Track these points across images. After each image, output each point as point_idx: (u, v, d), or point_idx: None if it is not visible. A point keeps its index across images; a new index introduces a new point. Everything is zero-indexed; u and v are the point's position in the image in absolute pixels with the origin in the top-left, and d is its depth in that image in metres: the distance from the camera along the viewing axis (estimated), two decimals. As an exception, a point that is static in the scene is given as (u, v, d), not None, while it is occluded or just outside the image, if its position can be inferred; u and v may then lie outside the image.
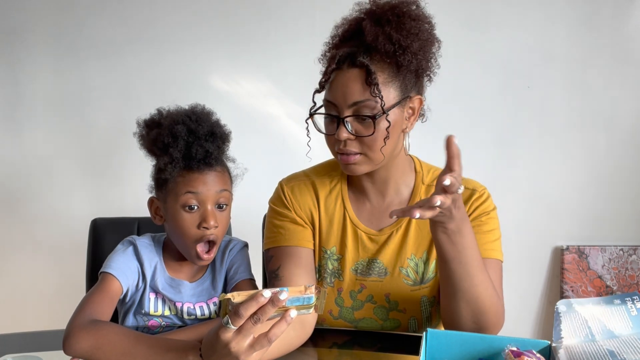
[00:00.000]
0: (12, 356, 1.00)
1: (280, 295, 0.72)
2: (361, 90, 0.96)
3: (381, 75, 0.97)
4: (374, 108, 0.96)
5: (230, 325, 0.74)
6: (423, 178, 1.12)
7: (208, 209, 1.08)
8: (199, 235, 1.09)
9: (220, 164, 1.13)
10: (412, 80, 1.01)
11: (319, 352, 1.08)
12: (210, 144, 1.09)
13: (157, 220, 1.15)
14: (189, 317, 1.15)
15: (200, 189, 1.08)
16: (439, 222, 0.89)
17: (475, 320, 0.97)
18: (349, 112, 0.98)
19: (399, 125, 1.01)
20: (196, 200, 1.08)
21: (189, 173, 1.08)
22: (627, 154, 2.08)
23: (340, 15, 1.04)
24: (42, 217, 2.19)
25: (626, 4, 2.02)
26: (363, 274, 1.12)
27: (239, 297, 0.73)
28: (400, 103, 0.99)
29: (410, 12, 0.98)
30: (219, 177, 1.11)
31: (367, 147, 1.00)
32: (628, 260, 2.08)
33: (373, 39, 0.96)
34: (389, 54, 0.96)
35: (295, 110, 2.09)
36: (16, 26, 2.11)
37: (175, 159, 1.07)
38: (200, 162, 1.08)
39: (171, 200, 1.10)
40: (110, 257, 1.12)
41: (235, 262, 1.19)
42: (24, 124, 2.16)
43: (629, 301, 0.81)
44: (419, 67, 0.99)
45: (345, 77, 0.98)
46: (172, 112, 1.13)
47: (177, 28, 2.10)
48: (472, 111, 2.08)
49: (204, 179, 1.08)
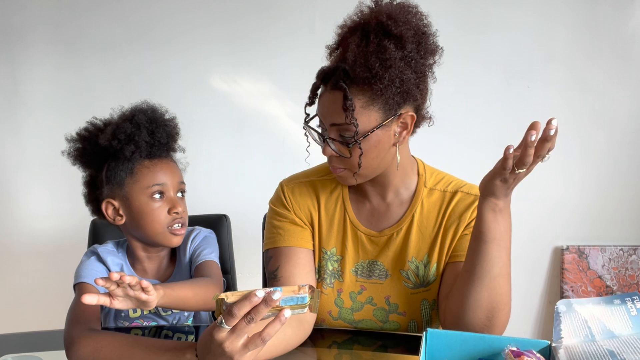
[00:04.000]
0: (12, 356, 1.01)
1: (273, 295, 0.72)
2: (340, 113, 0.96)
3: (361, 98, 0.95)
4: (351, 132, 0.96)
5: (224, 325, 0.74)
6: (425, 181, 1.12)
7: (173, 197, 1.16)
8: (170, 220, 1.14)
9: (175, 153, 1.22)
10: (399, 100, 0.97)
11: (318, 351, 1.08)
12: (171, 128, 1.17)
13: (117, 220, 1.17)
14: (166, 313, 1.19)
15: (166, 179, 1.15)
16: (492, 197, 0.90)
17: (489, 317, 0.96)
18: (331, 131, 0.99)
19: (384, 143, 1.00)
20: (163, 189, 1.15)
21: (151, 163, 1.14)
22: (627, 154, 2.08)
23: (340, 16, 1.04)
24: (42, 217, 2.19)
25: (626, 4, 2.02)
26: (364, 275, 1.12)
27: (232, 297, 0.74)
28: (383, 125, 0.98)
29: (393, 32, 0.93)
30: (176, 168, 1.19)
31: (348, 165, 1.01)
32: (628, 260, 2.08)
33: (352, 62, 0.94)
34: (366, 80, 0.94)
35: (296, 111, 2.09)
36: (16, 26, 2.11)
37: (141, 144, 1.12)
38: (162, 146, 1.15)
39: (136, 193, 1.13)
40: (77, 270, 1.15)
41: (198, 247, 1.23)
42: (24, 124, 2.16)
43: (629, 301, 0.81)
44: (404, 89, 0.96)
45: (328, 97, 0.98)
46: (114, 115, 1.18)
47: (177, 28, 2.10)
48: (472, 111, 2.07)
49: (166, 169, 1.16)
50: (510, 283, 0.97)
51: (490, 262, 0.93)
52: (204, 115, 2.12)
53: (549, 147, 0.84)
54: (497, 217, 0.92)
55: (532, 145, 0.82)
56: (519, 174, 0.86)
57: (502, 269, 0.94)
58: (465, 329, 0.96)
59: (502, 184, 0.88)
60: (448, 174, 1.15)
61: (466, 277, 0.97)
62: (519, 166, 0.84)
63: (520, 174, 0.86)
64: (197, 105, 2.12)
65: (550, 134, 0.82)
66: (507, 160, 0.85)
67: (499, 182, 0.88)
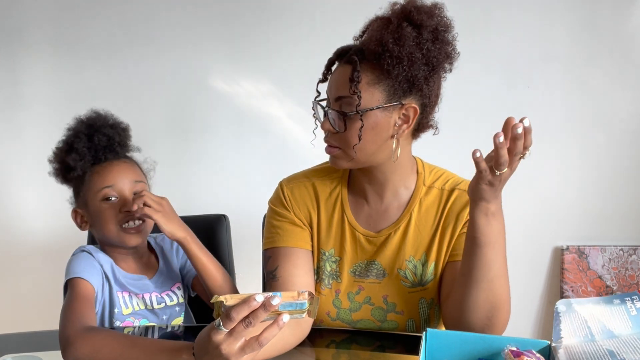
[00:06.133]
0: (12, 356, 1.01)
1: (272, 300, 0.72)
2: (346, 85, 0.98)
3: (369, 75, 0.97)
4: (352, 105, 0.97)
5: (222, 328, 0.74)
6: (424, 179, 1.12)
7: (127, 196, 1.14)
8: (122, 218, 1.14)
9: (126, 153, 1.21)
10: (405, 88, 0.98)
11: (317, 351, 1.08)
12: (111, 130, 1.17)
13: (83, 227, 1.21)
14: (159, 305, 1.20)
15: (116, 181, 1.14)
16: (483, 202, 0.90)
17: (489, 316, 0.95)
18: (334, 106, 1.00)
19: (382, 129, 1.00)
20: (114, 191, 1.14)
21: (100, 167, 1.15)
22: (627, 154, 2.07)
23: (341, 16, 1.05)
24: (42, 217, 2.19)
25: (626, 4, 2.02)
26: (361, 275, 1.12)
27: (231, 300, 0.74)
28: (385, 107, 0.98)
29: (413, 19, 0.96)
30: (130, 167, 1.18)
31: (344, 143, 1.01)
32: (628, 260, 2.08)
33: (367, 38, 0.98)
34: (375, 55, 0.96)
35: (296, 111, 2.09)
36: (16, 26, 2.11)
37: (81, 153, 1.13)
38: (106, 150, 1.16)
39: (90, 200, 1.15)
40: (69, 266, 1.15)
41: None
42: (24, 124, 2.16)
43: (629, 301, 0.81)
44: (411, 76, 0.96)
45: (338, 71, 1.01)
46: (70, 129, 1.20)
47: (178, 28, 2.10)
48: (472, 111, 2.07)
49: (116, 170, 1.15)
50: (508, 283, 0.97)
51: (487, 266, 0.93)
52: (204, 115, 2.12)
53: (525, 145, 0.84)
54: (490, 221, 0.91)
55: (501, 146, 0.83)
56: (501, 175, 0.85)
57: (498, 270, 0.94)
58: (467, 330, 0.96)
59: (488, 187, 0.88)
60: (447, 171, 1.15)
61: (463, 281, 0.97)
62: (497, 168, 0.85)
63: (503, 175, 0.86)
64: (197, 105, 2.12)
65: (517, 133, 0.82)
66: (478, 165, 0.85)
67: (485, 186, 0.88)
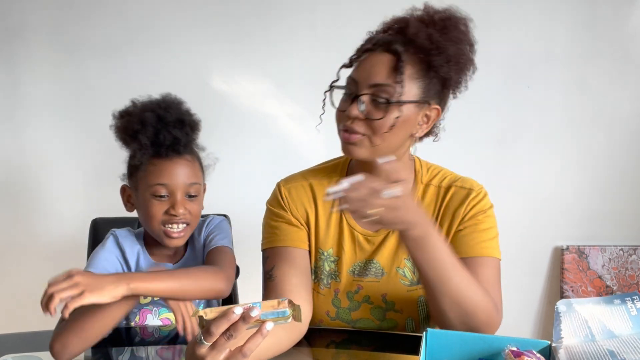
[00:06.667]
0: (12, 356, 1.01)
1: (251, 312, 0.71)
2: (386, 74, 0.98)
3: (411, 68, 0.98)
4: (391, 95, 0.97)
5: (204, 342, 0.73)
6: (422, 177, 1.12)
7: (177, 198, 1.12)
8: (166, 219, 1.12)
9: (189, 152, 1.17)
10: (437, 88, 1.01)
11: (316, 351, 1.08)
12: (179, 131, 1.13)
13: (128, 207, 1.20)
14: None
15: (170, 180, 1.12)
16: (402, 231, 0.90)
17: (463, 321, 0.95)
18: (367, 92, 0.99)
19: (409, 124, 1.01)
20: (166, 190, 1.12)
21: (159, 161, 1.12)
22: (627, 154, 2.07)
23: (340, 17, 1.05)
24: (42, 217, 2.19)
25: (626, 4, 2.02)
26: (360, 274, 1.12)
27: (211, 314, 0.73)
28: (418, 103, 1.00)
29: (457, 25, 1.01)
30: (189, 167, 1.15)
31: (372, 131, 1.00)
32: (628, 260, 2.08)
33: (414, 32, 0.98)
34: (425, 50, 0.97)
35: (296, 111, 2.09)
36: (16, 26, 2.11)
37: (144, 145, 1.11)
38: (168, 148, 1.12)
39: (142, 189, 1.13)
40: (92, 256, 1.16)
41: (211, 232, 1.23)
42: (24, 124, 2.16)
43: (629, 301, 0.81)
44: (448, 75, 0.99)
45: (376, 59, 1.00)
46: (144, 102, 1.16)
47: (177, 28, 2.10)
48: (472, 111, 2.06)
49: (174, 168, 1.12)
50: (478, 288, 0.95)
51: (435, 283, 0.93)
52: (204, 115, 2.11)
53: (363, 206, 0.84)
54: (419, 245, 0.91)
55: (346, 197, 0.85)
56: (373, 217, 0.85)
57: (459, 283, 0.93)
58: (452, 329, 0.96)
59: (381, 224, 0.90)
60: (444, 169, 1.15)
61: (426, 294, 0.99)
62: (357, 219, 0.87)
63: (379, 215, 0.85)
64: (197, 105, 2.11)
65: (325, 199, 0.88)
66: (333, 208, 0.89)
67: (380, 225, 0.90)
